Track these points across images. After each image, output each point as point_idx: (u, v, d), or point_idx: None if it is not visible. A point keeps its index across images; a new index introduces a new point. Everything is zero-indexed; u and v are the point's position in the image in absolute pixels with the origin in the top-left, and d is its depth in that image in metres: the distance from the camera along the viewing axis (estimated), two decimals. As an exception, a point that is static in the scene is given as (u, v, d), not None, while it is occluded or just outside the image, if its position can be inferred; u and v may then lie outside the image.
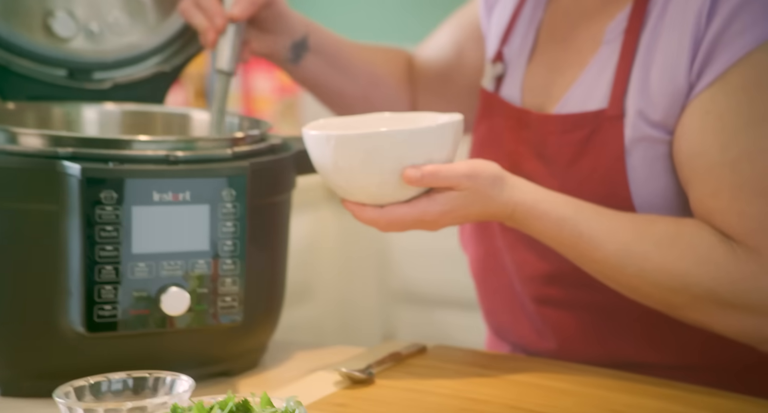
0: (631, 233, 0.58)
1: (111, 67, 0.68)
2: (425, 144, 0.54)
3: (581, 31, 0.64)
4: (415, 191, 0.56)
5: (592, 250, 0.58)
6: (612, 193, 0.60)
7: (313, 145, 0.56)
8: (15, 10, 0.64)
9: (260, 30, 0.70)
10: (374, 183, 0.55)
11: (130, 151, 0.55)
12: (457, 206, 0.56)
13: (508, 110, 0.66)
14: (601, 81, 0.62)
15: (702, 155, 0.58)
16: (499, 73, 0.68)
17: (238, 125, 0.68)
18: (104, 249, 0.53)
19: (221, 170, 0.56)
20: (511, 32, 0.69)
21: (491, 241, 0.68)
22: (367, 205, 0.56)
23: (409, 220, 0.55)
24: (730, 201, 0.57)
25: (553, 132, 0.63)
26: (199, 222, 0.56)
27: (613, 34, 0.62)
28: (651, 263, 0.57)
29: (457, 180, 0.55)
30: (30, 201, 0.54)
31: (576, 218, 0.57)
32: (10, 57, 0.64)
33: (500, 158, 0.65)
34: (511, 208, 0.57)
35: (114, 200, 0.53)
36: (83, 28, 0.67)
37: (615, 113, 0.60)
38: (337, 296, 1.55)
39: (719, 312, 0.58)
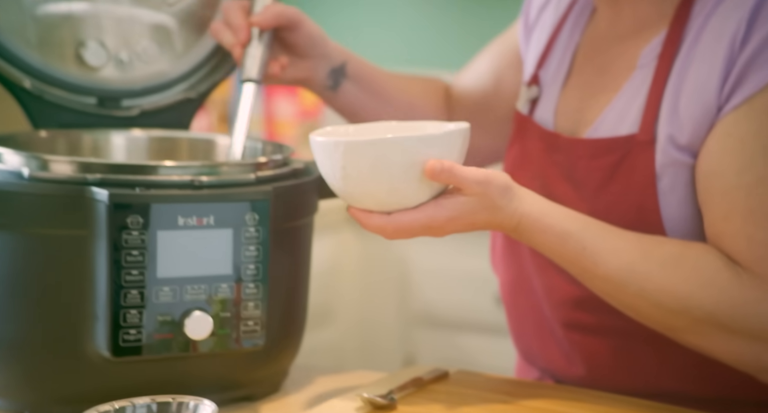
0: (636, 252, 0.57)
1: (139, 95, 0.70)
2: (434, 150, 0.54)
3: (616, 55, 0.64)
4: (423, 198, 0.56)
5: (595, 266, 0.57)
6: (642, 218, 0.60)
7: (321, 151, 0.55)
8: (49, 41, 0.66)
9: (297, 55, 0.71)
10: (382, 190, 0.54)
11: (157, 176, 0.56)
12: (465, 213, 0.55)
13: (539, 133, 0.66)
14: (633, 106, 0.62)
15: (718, 177, 0.58)
16: (534, 96, 0.69)
17: (261, 150, 0.69)
18: (130, 274, 0.54)
19: (244, 195, 0.57)
20: (548, 55, 0.69)
21: (521, 263, 0.67)
22: (374, 212, 0.55)
23: (417, 226, 0.55)
24: (741, 225, 0.57)
25: (583, 156, 0.63)
26: (222, 246, 0.56)
27: (647, 58, 0.62)
28: (653, 283, 0.57)
29: (468, 183, 0.55)
30: (59, 227, 0.55)
31: (580, 233, 0.57)
32: (43, 87, 0.66)
33: (531, 181, 0.65)
34: (517, 219, 0.57)
35: (140, 224, 0.54)
36: (113, 58, 0.69)
37: (646, 138, 0.60)
38: (358, 320, 1.54)
39: (719, 337, 0.57)
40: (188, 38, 0.71)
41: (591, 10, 0.68)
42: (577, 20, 0.69)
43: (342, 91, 0.73)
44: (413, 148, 0.54)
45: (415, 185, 0.55)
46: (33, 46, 0.66)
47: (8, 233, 0.55)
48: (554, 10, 0.71)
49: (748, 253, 0.57)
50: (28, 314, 0.56)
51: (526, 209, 0.57)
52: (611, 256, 0.57)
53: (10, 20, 0.65)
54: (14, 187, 0.55)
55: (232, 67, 0.73)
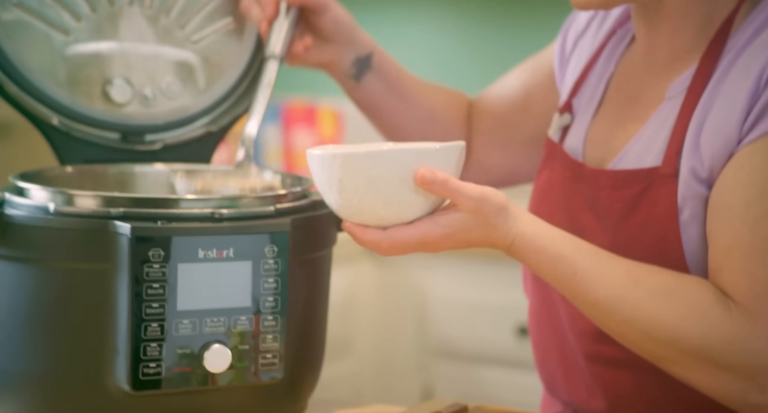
0: (627, 279, 0.57)
1: (162, 130, 0.71)
2: (432, 164, 0.54)
3: (648, 86, 0.65)
4: (419, 212, 0.56)
5: (584, 292, 0.57)
6: (664, 252, 0.59)
7: (318, 165, 0.55)
8: (77, 79, 0.68)
9: (322, 39, 0.71)
10: (378, 203, 0.54)
11: (178, 209, 0.57)
12: (460, 230, 0.55)
13: (566, 162, 0.67)
14: (659, 138, 0.62)
15: (726, 208, 0.57)
16: (565, 123, 0.69)
17: (281, 182, 0.70)
18: (151, 307, 0.55)
19: (263, 227, 0.57)
20: (582, 84, 0.70)
21: (547, 291, 0.67)
22: (370, 227, 0.55)
23: (412, 242, 0.55)
24: (741, 260, 0.56)
25: (605, 187, 0.63)
26: (241, 279, 0.57)
27: (675, 91, 0.62)
28: (641, 312, 0.57)
29: (463, 199, 0.55)
30: (83, 260, 0.56)
31: (573, 257, 0.57)
32: (70, 123, 0.68)
33: (558, 209, 0.65)
34: (511, 239, 0.56)
35: (161, 257, 0.55)
36: (138, 94, 0.71)
37: (668, 171, 0.60)
38: (375, 351, 1.53)
39: (705, 371, 0.56)
40: (210, 74, 0.73)
41: (630, 39, 0.68)
42: (614, 49, 0.69)
43: (364, 83, 0.73)
44: (409, 161, 0.54)
45: (411, 198, 0.55)
46: (62, 85, 0.68)
47: (33, 267, 0.56)
48: (592, 39, 0.71)
49: (743, 288, 0.56)
50: (49, 347, 0.56)
51: (520, 229, 0.57)
52: (601, 282, 0.57)
53: (41, 60, 0.67)
54: (40, 222, 0.56)
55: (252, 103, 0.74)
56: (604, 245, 0.60)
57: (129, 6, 0.69)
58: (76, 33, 0.68)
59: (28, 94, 0.66)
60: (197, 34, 0.72)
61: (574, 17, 0.74)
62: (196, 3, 0.71)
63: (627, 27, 0.69)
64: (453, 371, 1.46)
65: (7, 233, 0.56)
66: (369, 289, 1.52)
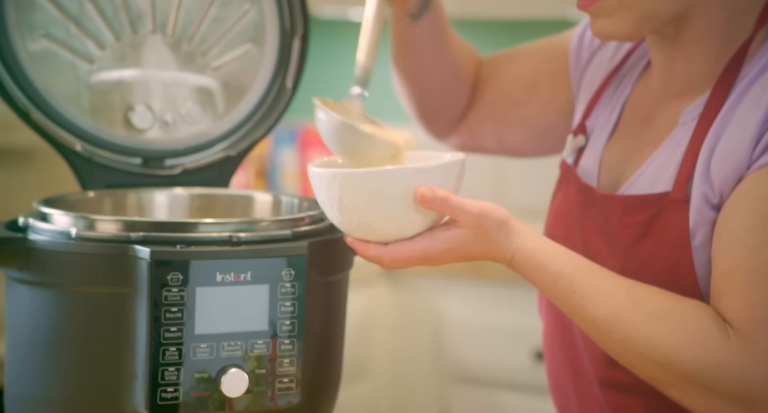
0: (625, 300, 0.57)
1: (182, 154, 0.72)
2: (431, 182, 0.55)
3: (662, 111, 0.64)
4: (419, 229, 0.56)
5: (582, 310, 0.57)
6: (676, 278, 0.59)
7: (318, 182, 0.56)
8: (100, 106, 0.70)
9: None
10: (378, 221, 0.55)
11: (196, 233, 0.58)
12: (460, 245, 0.56)
13: (579, 185, 0.67)
14: (671, 163, 0.62)
15: (729, 232, 0.57)
16: (580, 145, 0.69)
17: (298, 206, 0.70)
18: (169, 331, 0.55)
19: (281, 250, 0.58)
20: (595, 106, 0.70)
21: (561, 314, 0.66)
22: (371, 242, 0.56)
23: (413, 257, 0.56)
24: (740, 285, 0.56)
25: (616, 212, 0.63)
26: (258, 302, 0.57)
27: (688, 117, 0.62)
28: (638, 333, 0.56)
29: (463, 215, 0.55)
30: (103, 285, 0.56)
31: (572, 274, 0.57)
32: (93, 149, 0.69)
33: (570, 233, 0.65)
34: (511, 254, 0.57)
35: (180, 281, 0.55)
36: (159, 120, 0.72)
37: (679, 197, 0.60)
38: (391, 375, 1.52)
39: (700, 396, 0.56)
40: (229, 99, 0.74)
41: (646, 63, 0.68)
42: (630, 72, 0.69)
43: (417, 26, 0.72)
44: (409, 179, 0.55)
45: (411, 215, 0.55)
46: (85, 112, 0.69)
47: (54, 292, 0.57)
48: (610, 59, 0.71)
49: (742, 314, 0.56)
50: (68, 372, 0.57)
51: (521, 244, 0.57)
52: (600, 301, 0.57)
53: (66, 88, 0.68)
54: (62, 247, 0.57)
55: (270, 126, 0.75)
56: (615, 270, 0.59)
57: (152, 34, 0.71)
58: (100, 61, 0.69)
59: (52, 122, 0.68)
60: (218, 60, 0.73)
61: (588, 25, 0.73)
62: (217, 30, 0.73)
63: (642, 49, 0.69)
64: (469, 394, 1.44)
65: (31, 259, 0.57)
66: (385, 312, 1.51)
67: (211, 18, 0.72)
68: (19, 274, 0.58)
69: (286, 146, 1.79)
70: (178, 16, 0.71)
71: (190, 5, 0.71)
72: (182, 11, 0.71)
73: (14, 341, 0.59)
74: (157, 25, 0.71)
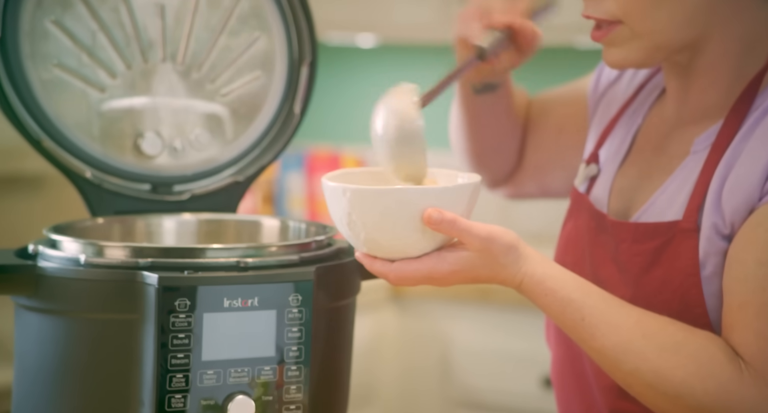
0: (636, 330, 0.56)
1: (190, 180, 0.73)
2: (441, 203, 0.55)
3: (675, 139, 0.64)
4: (426, 249, 0.56)
5: (591, 338, 0.56)
6: (686, 307, 0.59)
7: (330, 195, 0.56)
8: (110, 134, 0.70)
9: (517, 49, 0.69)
10: (385, 238, 0.55)
11: (204, 259, 0.58)
12: (467, 268, 0.56)
13: (591, 212, 0.66)
14: (682, 192, 0.61)
15: (741, 265, 0.57)
16: (592, 174, 0.69)
17: (305, 231, 0.70)
18: (176, 357, 0.55)
19: (288, 276, 0.58)
20: (609, 135, 0.70)
21: (571, 343, 0.66)
22: (378, 258, 0.56)
23: (419, 276, 0.56)
24: (752, 318, 0.55)
25: (626, 240, 0.62)
26: (265, 328, 0.57)
27: (700, 145, 0.62)
28: (648, 364, 0.56)
29: (471, 238, 0.55)
30: (112, 311, 0.56)
31: (581, 301, 0.56)
32: (102, 176, 0.70)
33: (581, 259, 0.65)
34: (519, 279, 0.56)
35: (187, 307, 0.56)
36: (168, 146, 0.73)
37: (689, 226, 0.59)
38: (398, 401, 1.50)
39: None
40: (238, 125, 0.74)
41: (659, 92, 0.68)
42: (643, 102, 0.69)
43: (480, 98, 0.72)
44: (418, 200, 0.54)
45: (418, 235, 0.55)
46: (95, 139, 0.70)
47: (62, 319, 0.57)
48: (624, 90, 0.71)
49: (755, 347, 0.55)
50: (75, 399, 0.57)
51: (529, 269, 0.57)
52: (609, 331, 0.56)
53: (77, 117, 0.69)
54: (71, 273, 0.57)
55: (278, 152, 0.76)
56: (626, 298, 0.59)
57: (162, 63, 0.72)
58: (111, 89, 0.71)
59: (63, 149, 0.69)
60: (227, 87, 0.74)
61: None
62: (226, 58, 0.73)
63: (656, 81, 0.69)
64: (477, 422, 1.42)
65: (40, 286, 0.57)
66: (392, 337, 1.50)
67: (220, 46, 0.73)
68: (28, 301, 0.58)
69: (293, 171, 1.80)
70: (188, 44, 0.72)
71: (201, 34, 0.72)
72: (192, 40, 0.72)
73: (22, 368, 0.59)
74: (168, 53, 0.72)
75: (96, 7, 0.69)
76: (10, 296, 0.59)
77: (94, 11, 0.69)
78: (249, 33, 0.73)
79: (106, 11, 0.69)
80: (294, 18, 0.74)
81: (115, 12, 0.69)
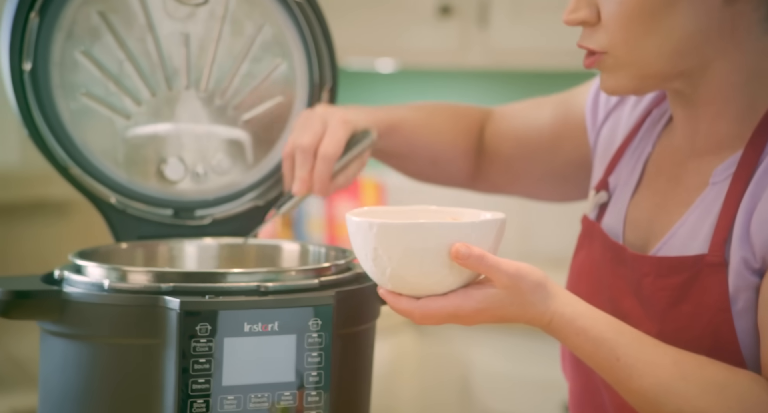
0: (675, 370, 0.55)
1: (212, 205, 0.74)
2: (468, 239, 0.54)
3: (690, 169, 0.63)
4: (452, 285, 0.55)
5: (628, 379, 0.55)
6: (718, 344, 0.57)
7: (355, 231, 0.55)
8: (135, 160, 0.72)
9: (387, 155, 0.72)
10: (412, 274, 0.54)
11: (225, 283, 0.58)
12: (494, 306, 0.54)
13: (607, 243, 0.65)
14: (704, 224, 0.60)
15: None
16: (602, 201, 0.68)
17: (325, 255, 0.71)
18: (197, 382, 0.55)
19: (307, 300, 0.58)
20: (618, 163, 0.69)
21: (589, 375, 0.65)
22: (403, 295, 0.55)
23: (444, 314, 0.54)
24: None
25: (649, 274, 0.61)
26: (285, 353, 0.57)
27: (720, 176, 0.61)
28: (691, 406, 0.54)
29: (499, 275, 0.54)
30: (134, 336, 0.57)
31: (615, 341, 0.55)
32: (127, 201, 0.71)
33: (599, 291, 0.63)
34: (549, 318, 0.55)
35: (208, 332, 0.56)
36: (190, 171, 0.74)
37: (716, 260, 0.58)
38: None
39: None
40: (259, 150, 0.75)
41: (667, 119, 0.68)
42: (651, 129, 0.68)
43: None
44: (446, 235, 0.54)
45: (445, 271, 0.54)
46: (120, 165, 0.71)
47: (86, 344, 0.57)
48: (627, 116, 0.70)
49: None
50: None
51: (559, 307, 0.55)
52: (647, 371, 0.55)
53: (103, 144, 0.71)
54: (95, 298, 0.58)
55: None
56: (652, 334, 0.58)
57: (186, 90, 0.73)
58: (136, 117, 0.72)
59: (89, 176, 0.70)
60: (249, 113, 0.75)
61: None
62: (248, 84, 0.74)
63: (663, 107, 0.69)
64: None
65: (65, 311, 0.57)
66: (412, 361, 1.49)
67: (243, 73, 0.74)
68: (53, 326, 0.59)
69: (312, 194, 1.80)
70: (211, 71, 0.74)
71: (224, 61, 0.73)
72: (216, 67, 0.74)
73: (46, 392, 0.59)
74: (192, 80, 0.73)
75: (124, 37, 0.70)
76: (36, 321, 0.60)
77: (121, 41, 0.70)
78: (271, 59, 0.75)
79: (133, 41, 0.70)
80: (315, 44, 0.75)
81: (142, 42, 0.71)
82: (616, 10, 0.59)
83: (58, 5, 0.68)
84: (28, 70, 0.67)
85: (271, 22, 0.74)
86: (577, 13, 0.61)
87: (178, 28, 0.72)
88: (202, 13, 0.72)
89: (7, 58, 0.67)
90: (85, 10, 0.69)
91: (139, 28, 0.70)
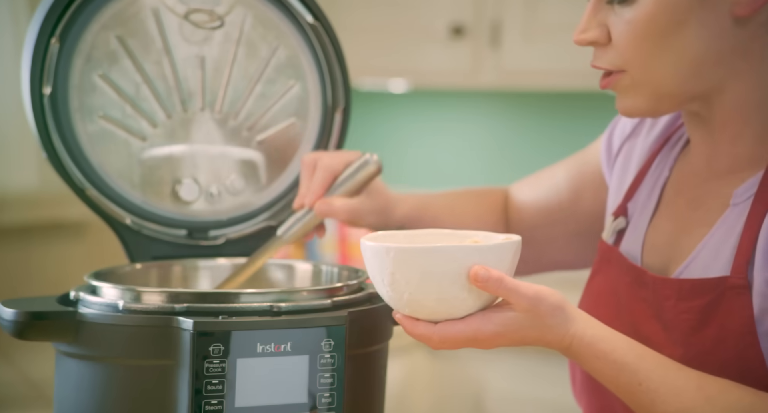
0: (699, 395, 0.54)
1: (226, 225, 0.74)
2: (486, 261, 0.54)
3: (709, 191, 0.63)
4: (471, 309, 0.54)
5: (651, 405, 0.54)
6: (745, 368, 0.56)
7: (371, 256, 0.55)
8: (150, 181, 0.73)
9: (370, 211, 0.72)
10: (430, 298, 0.54)
11: (238, 303, 0.58)
12: (513, 329, 0.54)
13: (626, 266, 0.65)
14: (726, 245, 0.59)
15: None
16: (620, 227, 0.67)
17: (337, 275, 0.70)
18: (210, 403, 0.55)
19: (320, 320, 0.57)
20: (637, 189, 0.68)
21: (606, 397, 0.64)
22: (420, 320, 0.55)
23: (462, 338, 0.54)
24: None
25: (671, 297, 0.61)
26: (298, 373, 0.57)
27: (741, 198, 0.60)
28: None
29: (518, 298, 0.53)
30: (149, 357, 0.57)
31: (636, 365, 0.54)
32: (142, 222, 0.72)
33: (619, 315, 0.63)
34: (568, 341, 0.54)
35: (221, 352, 0.56)
36: (204, 192, 0.74)
37: (739, 281, 0.58)
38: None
39: None
40: (272, 170, 0.76)
41: (684, 143, 0.67)
42: (668, 153, 0.68)
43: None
44: (463, 258, 0.54)
45: (464, 295, 0.54)
46: (136, 186, 0.72)
47: (100, 365, 0.58)
48: (642, 142, 0.70)
49: None
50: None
51: (579, 331, 0.55)
52: (670, 396, 0.54)
53: (119, 165, 0.72)
54: (110, 319, 0.58)
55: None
56: (675, 358, 0.57)
57: (201, 111, 0.74)
58: (152, 138, 0.73)
59: (106, 197, 0.71)
60: (262, 134, 0.76)
61: (619, 118, 0.74)
62: (262, 106, 0.75)
63: (680, 132, 0.68)
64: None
65: (80, 332, 0.58)
66: (424, 381, 1.48)
67: (257, 94, 0.75)
68: (68, 347, 0.59)
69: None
70: (226, 93, 0.74)
71: (238, 83, 0.74)
72: (230, 89, 0.74)
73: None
74: (207, 102, 0.74)
75: (141, 60, 0.71)
76: (52, 342, 0.60)
77: (139, 65, 0.72)
78: (284, 81, 0.75)
79: (150, 64, 0.72)
80: (328, 66, 0.75)
81: (158, 65, 0.72)
82: (625, 30, 0.59)
83: (78, 30, 0.69)
84: (47, 94, 0.69)
85: (285, 45, 0.75)
86: (586, 34, 0.61)
87: (194, 51, 0.73)
88: (217, 36, 0.73)
89: (28, 82, 0.68)
90: (103, 35, 0.70)
91: (156, 52, 0.72)
